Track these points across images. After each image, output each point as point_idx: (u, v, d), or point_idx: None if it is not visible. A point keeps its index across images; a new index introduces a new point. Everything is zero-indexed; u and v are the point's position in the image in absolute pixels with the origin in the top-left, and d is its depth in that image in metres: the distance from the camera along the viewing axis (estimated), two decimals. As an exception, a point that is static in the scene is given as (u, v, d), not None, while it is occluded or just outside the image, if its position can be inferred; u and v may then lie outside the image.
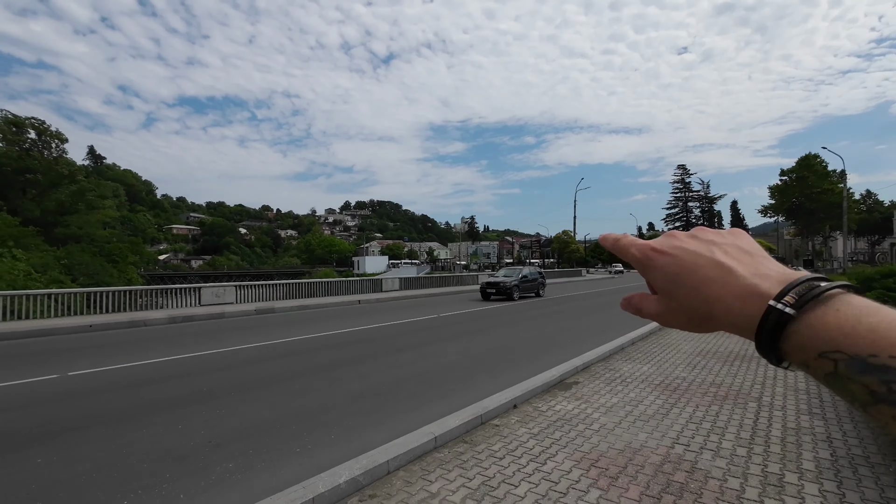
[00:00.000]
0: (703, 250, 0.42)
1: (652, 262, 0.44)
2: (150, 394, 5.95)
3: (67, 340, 10.35)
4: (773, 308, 0.35)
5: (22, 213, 39.76)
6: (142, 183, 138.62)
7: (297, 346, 9.34)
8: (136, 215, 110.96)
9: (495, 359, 7.94)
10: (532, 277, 21.52)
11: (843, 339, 0.32)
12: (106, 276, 36.20)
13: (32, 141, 46.50)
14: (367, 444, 4.30)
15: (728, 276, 0.39)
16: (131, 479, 3.62)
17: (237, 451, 4.17)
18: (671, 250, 0.44)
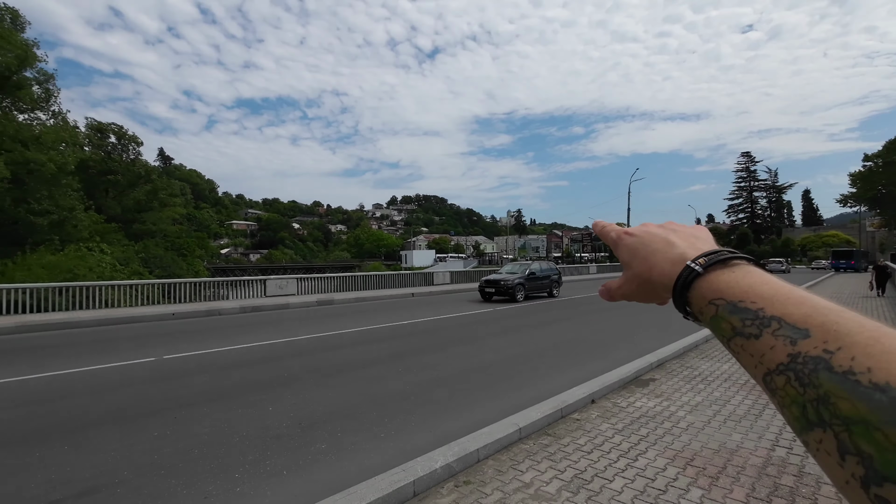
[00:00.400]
0: (661, 233, 0.52)
1: (622, 241, 0.54)
2: (238, 377, 6.39)
3: (155, 327, 11.30)
4: (687, 266, 0.45)
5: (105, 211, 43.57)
6: (205, 181, 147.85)
7: (362, 336, 9.67)
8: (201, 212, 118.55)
9: (562, 353, 7.84)
10: (543, 275, 18.51)
11: (727, 289, 0.41)
12: (177, 269, 39.05)
13: (113, 145, 50.74)
14: (447, 432, 4.41)
15: (669, 249, 0.49)
16: (238, 454, 3.92)
17: (326, 433, 4.39)
18: (637, 232, 0.54)
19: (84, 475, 3.55)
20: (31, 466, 3.69)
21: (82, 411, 5.00)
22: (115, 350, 8.29)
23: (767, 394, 0.37)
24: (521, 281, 17.08)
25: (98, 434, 4.35)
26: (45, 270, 21.10)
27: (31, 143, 25.69)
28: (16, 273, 19.91)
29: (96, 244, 30.34)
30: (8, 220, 27.13)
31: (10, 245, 26.91)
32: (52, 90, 28.94)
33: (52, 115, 31.47)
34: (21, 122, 28.06)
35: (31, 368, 6.86)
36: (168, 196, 55.21)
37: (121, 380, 6.27)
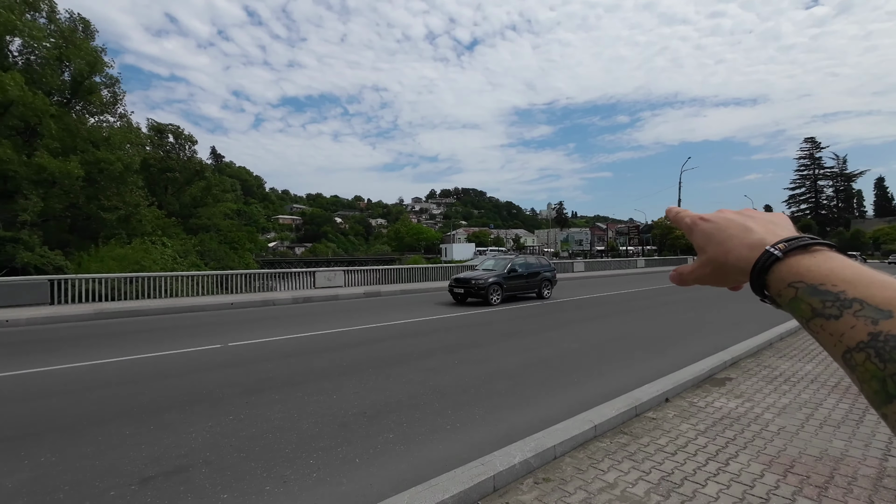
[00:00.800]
0: (738, 218, 0.52)
1: (697, 226, 0.55)
2: (300, 365, 6.56)
3: (216, 315, 11.87)
4: (767, 251, 0.46)
5: (165, 207, 46.30)
6: (253, 178, 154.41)
7: (415, 327, 9.73)
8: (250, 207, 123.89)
9: (619, 349, 7.54)
10: (529, 272, 15.30)
11: (807, 273, 0.43)
12: (229, 261, 41.00)
13: (171, 144, 53.85)
14: (513, 426, 4.32)
15: (747, 234, 0.49)
16: (310, 440, 3.99)
17: (392, 423, 4.40)
18: (713, 218, 0.54)
19: (171, 454, 3.72)
20: (122, 444, 3.92)
21: (161, 394, 5.28)
22: (184, 336, 8.75)
23: (846, 370, 0.39)
24: (497, 280, 13.94)
25: (178, 416, 4.57)
26: (116, 262, 22.67)
27: (102, 144, 27.55)
28: (91, 264, 21.51)
29: (158, 238, 32.32)
30: (82, 215, 29.25)
31: (85, 238, 29.09)
32: (118, 93, 30.91)
33: (119, 117, 33.62)
34: (92, 124, 30.18)
35: (113, 352, 7.34)
36: (221, 192, 57.92)
37: (192, 365, 6.60)
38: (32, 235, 20.09)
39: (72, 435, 4.10)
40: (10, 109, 22.15)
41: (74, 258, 22.56)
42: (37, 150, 23.52)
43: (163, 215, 40.98)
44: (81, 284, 13.85)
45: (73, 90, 27.72)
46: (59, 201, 26.13)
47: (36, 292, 12.78)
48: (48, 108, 23.42)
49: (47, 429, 4.24)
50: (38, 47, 24.67)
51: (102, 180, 28.55)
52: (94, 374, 6.08)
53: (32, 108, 22.19)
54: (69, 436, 4.08)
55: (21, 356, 7.17)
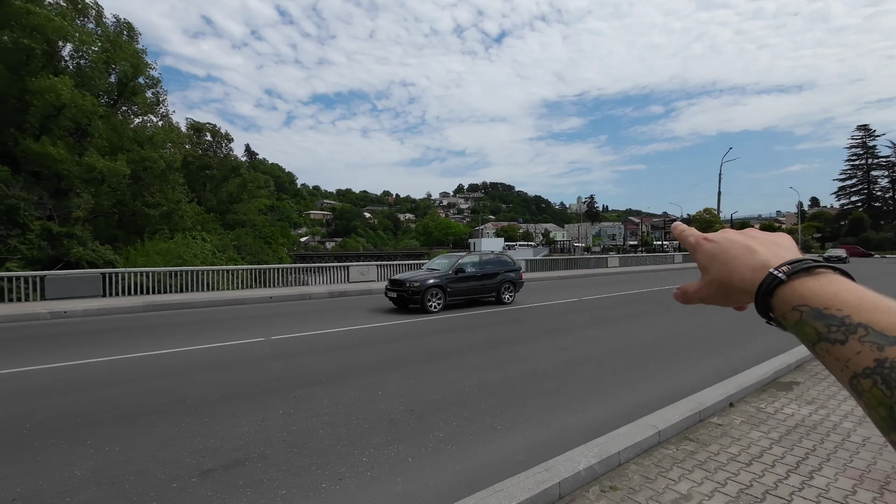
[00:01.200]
0: (741, 239, 0.53)
1: (701, 246, 0.55)
2: (343, 359, 6.59)
3: (256, 309, 12.15)
4: (771, 273, 0.47)
5: (204, 203, 48.01)
6: (285, 174, 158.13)
7: (451, 323, 9.65)
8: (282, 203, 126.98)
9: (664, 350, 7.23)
10: (484, 272, 12.58)
11: (811, 296, 0.43)
12: (264, 256, 42.14)
13: (209, 142, 55.71)
14: (565, 428, 4.16)
15: (751, 255, 0.50)
16: (361, 437, 3.96)
17: (440, 421, 4.33)
18: (717, 239, 0.55)
19: (226, 447, 3.76)
20: (179, 436, 3.99)
21: (211, 386, 5.38)
22: (229, 330, 8.97)
23: (853, 395, 0.39)
24: (437, 283, 11.41)
25: (229, 408, 4.64)
26: (160, 256, 23.63)
27: (146, 143, 28.70)
28: (137, 258, 22.50)
29: (198, 233, 33.53)
30: (128, 212, 30.57)
31: (131, 234, 30.44)
32: (160, 94, 32.10)
33: (161, 117, 34.94)
34: (136, 124, 31.48)
35: (165, 344, 7.59)
36: (255, 188, 59.56)
37: (238, 358, 6.73)
38: (85, 231, 21.15)
39: (132, 424, 4.22)
40: (62, 112, 23.32)
41: (122, 252, 23.65)
42: (87, 149, 24.71)
43: (202, 211, 42.44)
44: (130, 278, 14.49)
45: (119, 92, 28.95)
46: (107, 198, 27.43)
47: (90, 285, 13.44)
48: (97, 110, 24.54)
49: (109, 418, 4.39)
50: (87, 51, 25.84)
51: (147, 178, 29.72)
52: (149, 365, 6.28)
53: (83, 110, 23.30)
54: (129, 425, 4.20)
55: (80, 346, 7.51)
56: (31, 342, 8.00)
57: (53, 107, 21.94)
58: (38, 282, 12.88)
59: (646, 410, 4.48)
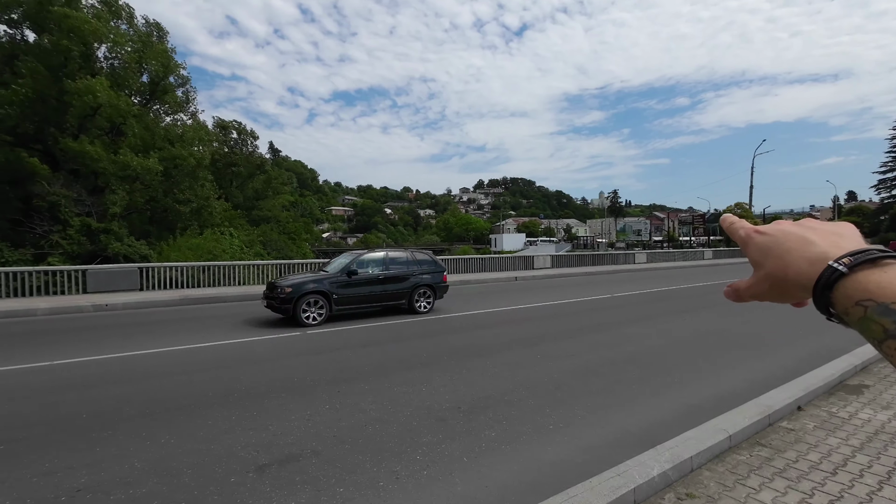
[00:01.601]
0: (797, 231, 0.49)
1: (752, 240, 0.52)
2: (380, 354, 6.54)
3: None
4: (830, 266, 0.43)
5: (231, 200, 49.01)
6: (307, 171, 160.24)
7: (487, 318, 9.53)
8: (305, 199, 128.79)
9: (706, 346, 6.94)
10: (388, 275, 10.16)
11: (877, 290, 0.40)
12: (288, 251, 42.78)
13: (235, 140, 56.83)
14: (620, 428, 4.00)
15: (808, 247, 0.46)
16: (412, 434, 3.89)
17: (490, 419, 4.22)
18: (770, 231, 0.51)
19: (279, 442, 3.74)
20: (232, 429, 4.00)
21: (255, 379, 5.40)
22: (264, 324, 9.06)
23: None
24: (317, 288, 9.04)
25: (276, 403, 4.63)
26: (191, 251, 24.21)
27: (176, 141, 29.40)
28: (171, 253, 23.11)
29: (227, 229, 34.26)
30: (160, 208, 31.41)
31: (163, 230, 31.24)
32: (190, 93, 32.82)
33: (191, 115, 35.73)
34: (167, 123, 32.30)
35: (205, 337, 7.70)
36: (280, 184, 60.46)
37: (278, 351, 6.77)
38: (121, 227, 21.81)
39: (184, 417, 4.26)
40: (98, 111, 24.07)
41: (155, 248, 24.35)
42: (121, 147, 25.46)
43: (229, 207, 43.35)
44: (164, 272, 14.85)
45: (151, 91, 29.71)
46: (140, 195, 28.24)
47: (128, 279, 13.82)
48: (131, 109, 25.25)
49: (161, 410, 4.43)
50: (121, 52, 26.57)
51: (177, 175, 30.45)
52: (193, 357, 6.37)
53: (118, 110, 23.99)
54: (181, 417, 4.24)
55: (126, 338, 7.69)
56: (80, 333, 8.24)
57: (90, 107, 22.65)
58: (80, 276, 13.31)
59: (702, 412, 4.28)
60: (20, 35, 25.38)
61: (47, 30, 22.76)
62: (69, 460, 3.43)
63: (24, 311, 10.25)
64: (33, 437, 3.83)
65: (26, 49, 24.35)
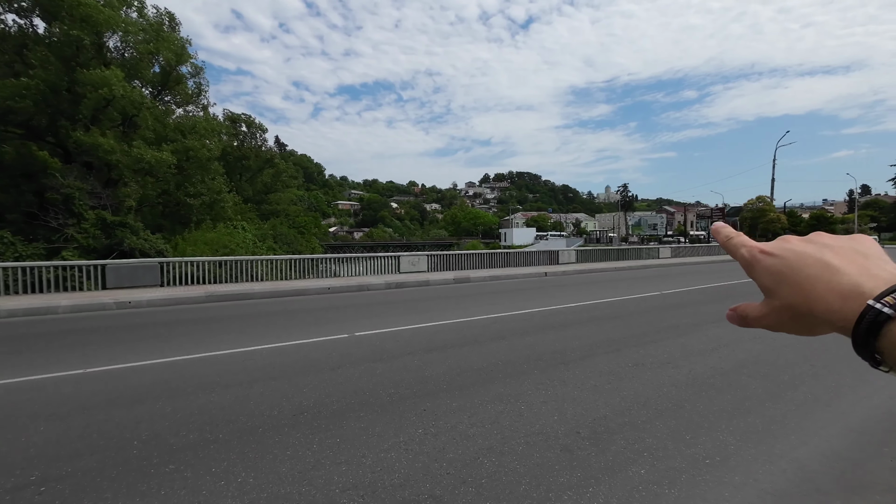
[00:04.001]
0: (812, 251, 0.42)
1: (759, 263, 0.45)
2: (451, 360, 5.78)
3: (320, 300, 11.55)
4: (870, 307, 0.35)
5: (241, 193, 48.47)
6: (314, 165, 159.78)
7: (544, 319, 8.77)
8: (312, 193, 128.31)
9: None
10: None
11: None
12: (298, 245, 42.18)
13: (244, 133, 56.13)
14: (795, 463, 3.25)
15: (833, 275, 0.38)
16: (542, 472, 3.14)
17: (624, 449, 3.46)
18: (779, 251, 0.44)
19: (384, 483, 3.01)
20: (320, 463, 3.27)
21: (321, 393, 4.67)
22: (306, 324, 8.36)
23: None
24: None
25: (358, 424, 3.90)
26: (207, 246, 23.62)
27: (189, 133, 28.73)
28: (186, 248, 22.52)
29: (239, 222, 33.67)
30: (172, 201, 30.83)
31: (176, 224, 30.69)
32: (202, 84, 32.09)
33: (202, 107, 35.04)
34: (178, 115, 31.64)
35: (248, 339, 7.00)
36: (289, 178, 59.82)
37: (333, 358, 6.04)
38: (137, 220, 21.22)
39: (256, 443, 3.53)
40: (112, 103, 23.40)
41: (171, 242, 23.76)
42: (134, 140, 24.81)
43: (240, 201, 42.76)
44: (183, 267, 14.18)
45: (163, 82, 29.00)
46: (153, 188, 27.65)
47: (149, 274, 13.18)
48: (144, 101, 24.57)
49: (225, 435, 3.71)
50: (133, 41, 25.85)
51: (190, 168, 29.83)
52: (241, 365, 5.66)
53: (132, 101, 23.31)
54: (253, 444, 3.51)
55: (164, 341, 7.00)
56: (109, 334, 7.57)
57: (104, 98, 21.98)
58: (98, 271, 12.67)
59: (871, 434, 3.55)
60: (30, 24, 24.66)
61: (58, 18, 22.03)
62: None
63: (45, 309, 9.61)
64: (80, 473, 3.13)
65: (37, 39, 23.66)
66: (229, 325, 8.30)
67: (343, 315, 9.30)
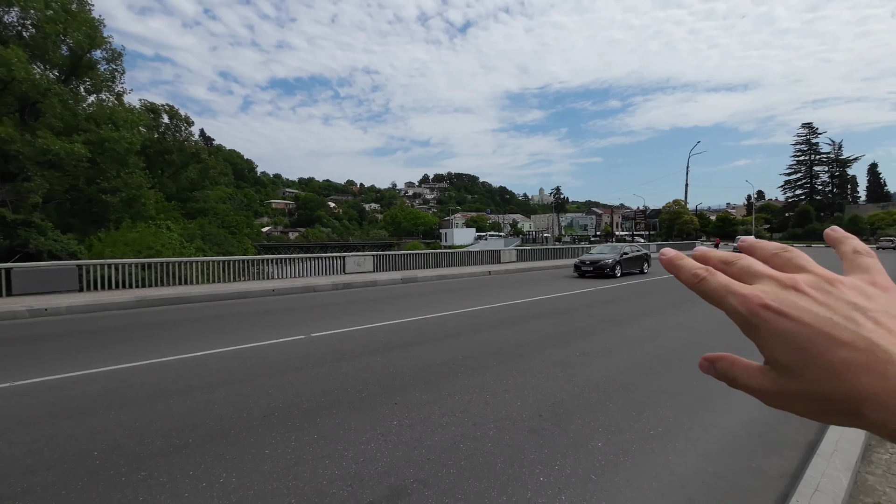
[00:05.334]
0: (844, 317, 0.30)
1: (766, 324, 0.32)
2: (413, 359, 5.95)
3: (267, 303, 11.16)
4: None
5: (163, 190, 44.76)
6: (244, 162, 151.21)
7: (495, 315, 9.16)
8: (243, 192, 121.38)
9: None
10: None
11: None
12: (229, 246, 39.82)
13: (166, 125, 51.84)
14: (724, 431, 3.82)
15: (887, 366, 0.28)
16: (514, 452, 3.44)
17: (584, 427, 3.86)
18: (793, 310, 0.31)
19: (369, 472, 3.14)
20: (302, 459, 3.32)
21: (289, 394, 4.65)
22: (258, 327, 8.10)
23: None
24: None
25: (334, 421, 3.97)
26: (129, 247, 21.69)
27: (104, 124, 26.18)
28: (104, 249, 20.53)
29: (163, 222, 31.17)
30: (83, 198, 28.02)
31: (87, 223, 27.90)
32: (118, 70, 29.33)
33: (117, 95, 32.05)
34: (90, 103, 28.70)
35: (196, 344, 6.67)
36: (218, 175, 56.17)
37: (294, 359, 5.96)
38: (45, 219, 19.04)
39: (231, 445, 3.49)
40: (9, 86, 20.76)
41: (84, 243, 21.51)
42: (38, 129, 22.17)
43: (162, 199, 39.60)
44: (104, 270, 12.97)
45: (73, 66, 26.16)
46: (60, 183, 24.91)
47: (65, 279, 11.95)
48: (51, 86, 22.05)
49: (195, 438, 3.62)
50: (37, 18, 23.07)
51: (104, 161, 27.20)
52: (194, 371, 5.42)
53: (35, 86, 20.83)
54: (228, 447, 3.47)
55: (98, 348, 6.47)
56: (30, 345, 6.84)
57: (2, 80, 19.46)
58: (2, 275, 11.25)
59: None
60: None
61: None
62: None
63: (-61, 320, 8.43)
64: (38, 488, 2.93)
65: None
66: (171, 331, 7.83)
67: (294, 317, 9.10)
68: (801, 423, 3.93)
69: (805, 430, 3.80)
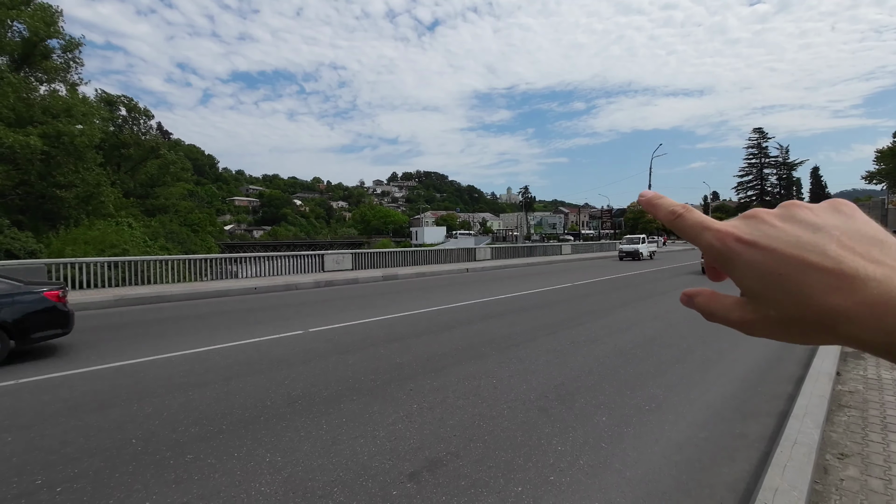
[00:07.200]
0: (810, 241, 0.31)
1: (738, 257, 0.32)
2: (418, 350, 6.23)
3: (252, 301, 11.10)
4: None
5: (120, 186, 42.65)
6: (205, 157, 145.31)
7: (483, 309, 9.53)
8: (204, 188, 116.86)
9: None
10: None
11: None
12: (192, 245, 38.48)
13: (123, 118, 49.32)
14: (707, 404, 4.31)
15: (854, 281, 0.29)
16: (530, 428, 3.80)
17: (587, 405, 4.28)
18: (763, 240, 0.32)
19: (404, 447, 3.42)
20: (338, 439, 3.56)
21: (306, 383, 4.85)
22: (251, 323, 8.13)
23: None
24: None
25: (356, 406, 4.22)
26: (90, 245, 20.76)
27: (62, 116, 24.86)
28: (63, 247, 19.58)
29: (124, 219, 29.82)
30: (35, 194, 26.59)
31: (42, 220, 26.46)
32: (75, 60, 27.87)
33: (70, 85, 30.47)
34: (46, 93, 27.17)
35: (195, 340, 6.68)
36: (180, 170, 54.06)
37: (298, 353, 6.12)
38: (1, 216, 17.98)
39: (265, 430, 3.68)
40: (-47, 73, 19.41)
41: (42, 241, 20.41)
42: (-13, 119, 20.86)
43: (120, 195, 37.83)
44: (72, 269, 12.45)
45: (25, 54, 24.66)
46: (9, 178, 23.50)
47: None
48: (3, 74, 20.77)
49: (228, 425, 3.78)
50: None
51: (59, 156, 25.83)
52: (202, 365, 5.49)
53: (-16, 72, 19.56)
54: (263, 431, 3.66)
55: (89, 347, 6.38)
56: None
57: (-54, 66, 18.21)
58: (-38, 275, 10.64)
59: (752, 379, 4.85)
60: None
61: None
62: (169, 496, 2.79)
63: None
64: (91, 472, 3.04)
65: None
66: (162, 328, 7.76)
67: (283, 314, 9.17)
68: (772, 395, 4.51)
69: (775, 402, 4.37)
